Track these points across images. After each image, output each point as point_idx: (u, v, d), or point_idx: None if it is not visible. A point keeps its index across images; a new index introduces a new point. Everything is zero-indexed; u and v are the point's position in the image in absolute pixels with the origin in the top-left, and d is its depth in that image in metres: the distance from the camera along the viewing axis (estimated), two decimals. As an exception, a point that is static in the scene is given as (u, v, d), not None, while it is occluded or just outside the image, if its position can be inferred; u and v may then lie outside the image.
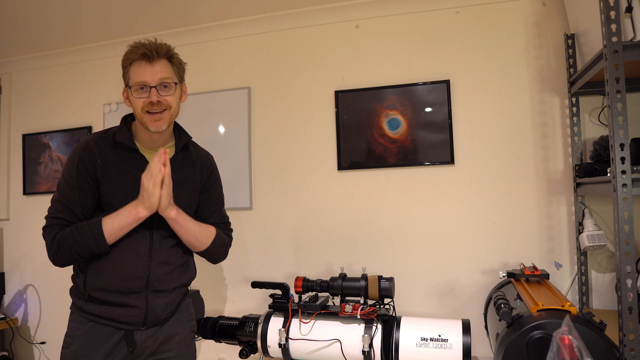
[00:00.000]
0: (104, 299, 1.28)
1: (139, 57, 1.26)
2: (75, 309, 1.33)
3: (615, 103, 1.28)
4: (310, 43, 2.26)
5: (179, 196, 1.36)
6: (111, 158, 1.29)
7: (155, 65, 1.27)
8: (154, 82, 1.26)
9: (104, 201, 1.28)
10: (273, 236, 2.27)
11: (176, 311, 1.41)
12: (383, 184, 2.11)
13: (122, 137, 1.31)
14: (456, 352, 1.41)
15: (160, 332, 1.35)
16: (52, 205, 1.29)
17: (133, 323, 1.30)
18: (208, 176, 1.49)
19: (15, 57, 2.75)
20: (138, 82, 1.26)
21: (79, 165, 1.26)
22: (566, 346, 0.96)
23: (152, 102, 1.26)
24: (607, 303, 1.84)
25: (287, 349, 1.56)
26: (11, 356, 2.61)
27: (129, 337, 1.30)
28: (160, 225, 1.33)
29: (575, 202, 1.86)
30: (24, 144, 2.71)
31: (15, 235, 2.73)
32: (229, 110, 2.34)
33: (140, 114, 1.27)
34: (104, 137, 1.32)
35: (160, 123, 1.29)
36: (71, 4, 2.13)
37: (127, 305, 1.28)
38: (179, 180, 1.37)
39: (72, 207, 1.26)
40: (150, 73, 1.26)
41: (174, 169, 1.35)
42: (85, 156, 1.27)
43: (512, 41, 1.99)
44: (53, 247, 1.24)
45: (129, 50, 1.29)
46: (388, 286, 1.53)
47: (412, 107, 2.07)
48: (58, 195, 1.28)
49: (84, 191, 1.26)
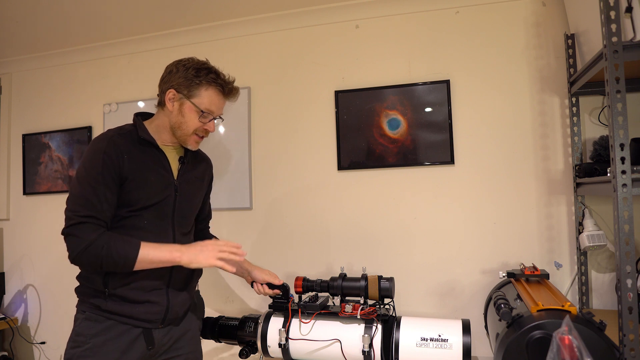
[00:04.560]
0: (126, 297, 1.28)
1: (222, 90, 1.35)
2: (88, 308, 1.31)
3: (615, 103, 1.28)
4: (310, 43, 2.26)
5: (194, 191, 1.45)
6: (136, 154, 1.29)
7: (225, 102, 1.39)
8: (218, 115, 1.37)
9: (130, 197, 1.26)
10: (273, 236, 2.27)
11: (189, 309, 1.46)
12: (383, 184, 2.11)
13: (144, 134, 1.32)
14: (456, 352, 1.41)
15: (174, 330, 1.39)
16: (74, 201, 1.22)
17: (153, 320, 1.32)
18: (211, 180, 1.60)
19: (15, 57, 2.74)
20: (209, 109, 1.33)
21: (105, 160, 1.23)
22: (566, 346, 0.96)
23: (209, 130, 1.37)
24: (607, 303, 1.84)
25: (287, 349, 1.56)
26: (11, 356, 2.61)
27: (148, 336, 1.31)
28: (180, 221, 1.38)
29: (575, 202, 1.86)
30: (24, 144, 2.71)
31: (15, 235, 2.73)
32: (229, 110, 2.34)
33: (189, 132, 1.34)
34: (123, 133, 1.31)
35: (198, 145, 1.41)
36: (71, 4, 2.13)
37: (149, 302, 1.30)
38: (195, 179, 1.45)
39: (98, 204, 1.21)
40: (221, 107, 1.38)
41: (190, 168, 1.43)
42: (111, 151, 1.24)
43: (512, 41, 1.99)
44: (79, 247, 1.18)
45: (209, 70, 1.34)
46: (388, 286, 1.53)
47: (412, 107, 2.07)
48: (81, 191, 1.22)
49: (110, 188, 1.23)
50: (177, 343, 1.40)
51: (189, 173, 1.42)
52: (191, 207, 1.45)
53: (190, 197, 1.43)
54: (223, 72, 1.38)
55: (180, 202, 1.38)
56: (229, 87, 1.37)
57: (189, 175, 1.42)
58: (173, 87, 1.32)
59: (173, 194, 1.36)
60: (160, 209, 1.32)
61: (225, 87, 1.36)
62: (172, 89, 1.32)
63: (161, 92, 1.36)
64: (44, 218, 2.63)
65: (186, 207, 1.41)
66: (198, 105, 1.31)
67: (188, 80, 1.30)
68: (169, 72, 1.34)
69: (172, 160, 1.38)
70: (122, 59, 2.54)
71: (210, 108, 1.33)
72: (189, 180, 1.42)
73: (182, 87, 1.31)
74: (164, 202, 1.33)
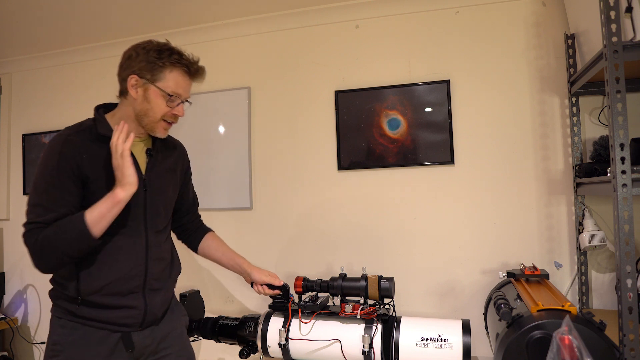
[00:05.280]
0: (100, 302, 1.22)
1: (187, 71, 1.27)
2: (63, 314, 1.26)
3: (615, 103, 1.28)
4: (310, 43, 2.26)
5: (166, 185, 1.36)
6: (96, 152, 1.20)
7: (192, 83, 1.30)
8: (186, 97, 1.29)
9: (94, 198, 1.17)
10: (273, 236, 2.27)
11: (168, 308, 1.40)
12: (383, 184, 2.11)
13: (104, 130, 1.24)
14: (456, 352, 1.41)
15: (156, 331, 1.33)
16: (30, 210, 1.16)
17: (131, 324, 1.27)
18: (187, 166, 1.51)
19: (15, 57, 2.75)
20: (176, 92, 1.25)
21: (60, 161, 1.15)
22: (566, 346, 0.96)
23: (177, 115, 1.28)
24: (607, 303, 1.84)
25: (287, 349, 1.56)
26: (11, 356, 2.61)
27: (127, 339, 1.26)
28: (153, 218, 1.31)
29: (575, 202, 1.86)
30: (24, 144, 2.71)
31: (15, 235, 2.72)
32: (229, 110, 2.34)
33: (157, 119, 1.25)
34: (81, 130, 1.23)
35: (167, 132, 1.31)
36: (71, 4, 2.13)
37: (126, 307, 1.24)
38: (166, 169, 1.37)
39: (55, 208, 1.14)
40: (188, 89, 1.29)
41: (159, 160, 1.35)
42: (67, 152, 1.16)
43: (512, 41, 1.99)
44: (37, 251, 1.13)
45: (171, 51, 1.24)
46: (388, 286, 1.53)
47: (412, 107, 2.07)
48: (36, 198, 1.16)
49: (68, 190, 1.16)
50: (162, 343, 1.35)
51: (159, 165, 1.34)
52: (165, 200, 1.36)
53: (162, 190, 1.34)
54: (186, 52, 1.28)
55: (151, 198, 1.30)
56: (194, 67, 1.27)
57: (159, 167, 1.34)
58: (135, 73, 1.22)
59: (142, 190, 1.26)
60: (130, 209, 1.23)
61: (191, 67, 1.27)
62: (133, 74, 1.22)
63: (121, 80, 1.27)
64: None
65: (159, 201, 1.33)
66: (164, 89, 1.22)
67: (150, 63, 1.21)
68: (128, 58, 1.25)
69: (139, 154, 1.30)
70: (122, 59, 2.54)
71: (177, 91, 1.24)
72: (159, 173, 1.34)
73: (144, 72, 1.22)
74: (133, 200, 1.22)
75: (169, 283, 1.40)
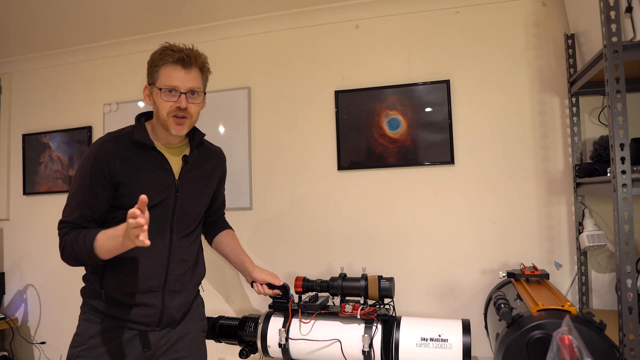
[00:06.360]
0: (121, 300, 1.29)
1: (175, 61, 1.27)
2: (88, 309, 1.33)
3: (615, 103, 1.28)
4: (310, 43, 2.26)
5: (198, 191, 1.42)
6: (130, 157, 1.29)
7: (189, 73, 1.29)
8: (185, 88, 1.28)
9: (125, 200, 1.25)
10: (273, 236, 2.27)
11: (189, 311, 1.43)
12: (383, 184, 2.11)
13: (140, 136, 1.31)
14: (456, 352, 1.41)
15: (173, 333, 1.37)
16: (64, 208, 1.28)
17: (148, 323, 1.31)
18: (223, 172, 1.59)
19: (15, 57, 2.74)
20: (169, 85, 1.27)
21: (93, 166, 1.25)
22: (566, 346, 0.96)
23: (180, 107, 1.28)
24: (607, 303, 1.84)
25: (287, 349, 1.56)
26: (11, 356, 2.61)
27: (144, 338, 1.31)
28: (180, 223, 1.36)
29: (575, 202, 1.86)
30: (24, 144, 2.71)
31: (15, 235, 2.73)
32: (229, 110, 2.34)
33: (165, 116, 1.29)
34: (119, 136, 1.32)
35: (182, 127, 1.32)
36: (71, 4, 2.13)
37: (143, 305, 1.29)
38: (200, 177, 1.42)
39: (81, 208, 1.25)
40: (183, 79, 1.28)
41: (195, 166, 1.41)
42: (101, 157, 1.25)
43: (512, 41, 1.99)
44: (60, 249, 1.25)
45: (163, 50, 1.29)
46: (388, 286, 1.53)
47: (412, 107, 2.07)
48: (69, 198, 1.28)
49: (96, 194, 1.25)
50: (175, 346, 1.38)
51: (193, 172, 1.40)
52: (196, 206, 1.42)
53: (194, 196, 1.40)
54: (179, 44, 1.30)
55: (181, 203, 1.35)
56: (180, 55, 1.27)
57: (193, 174, 1.40)
58: (147, 83, 1.35)
59: (173, 194, 1.33)
60: (158, 211, 1.29)
61: (177, 56, 1.27)
62: (145, 85, 1.35)
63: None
64: (44, 218, 2.63)
65: (189, 207, 1.38)
66: (159, 85, 1.28)
67: (149, 70, 1.32)
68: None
69: (174, 161, 1.36)
70: (122, 59, 2.53)
71: (171, 83, 1.27)
72: (192, 179, 1.39)
73: (148, 79, 1.33)
74: (162, 204, 1.31)
75: (190, 286, 1.43)
